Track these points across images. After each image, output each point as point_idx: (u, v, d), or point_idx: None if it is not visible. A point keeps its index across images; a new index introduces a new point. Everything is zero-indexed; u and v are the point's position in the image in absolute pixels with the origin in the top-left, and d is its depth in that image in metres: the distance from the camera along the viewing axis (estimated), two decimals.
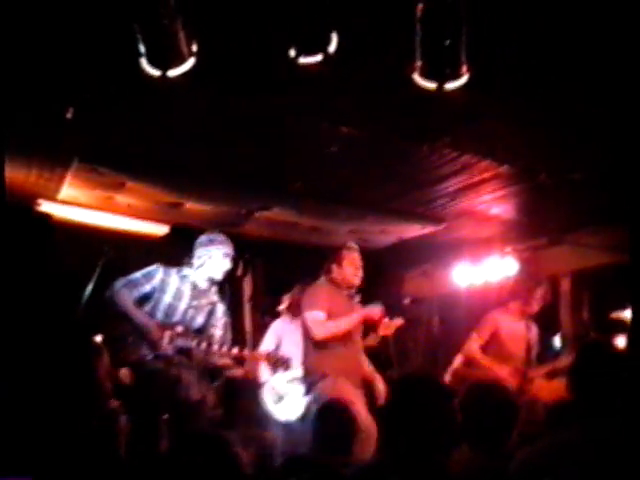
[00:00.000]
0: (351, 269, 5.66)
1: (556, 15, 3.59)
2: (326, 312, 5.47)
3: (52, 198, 6.32)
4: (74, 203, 6.54)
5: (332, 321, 5.46)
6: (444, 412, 2.94)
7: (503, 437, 3.61)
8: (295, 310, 6.57)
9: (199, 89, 4.27)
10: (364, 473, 2.99)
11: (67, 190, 6.21)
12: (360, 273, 5.68)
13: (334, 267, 5.69)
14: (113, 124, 4.88)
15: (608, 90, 4.30)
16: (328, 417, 4.15)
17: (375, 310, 5.56)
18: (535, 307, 6.52)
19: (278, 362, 5.68)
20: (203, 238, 5.42)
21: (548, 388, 6.09)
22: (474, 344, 6.42)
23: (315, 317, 5.47)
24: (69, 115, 4.55)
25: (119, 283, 5.19)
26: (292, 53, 3.78)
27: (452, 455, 3.11)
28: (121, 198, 6.41)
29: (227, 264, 5.41)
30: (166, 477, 2.43)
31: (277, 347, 6.53)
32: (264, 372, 6.43)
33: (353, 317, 5.53)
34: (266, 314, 7.39)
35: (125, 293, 5.16)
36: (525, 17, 3.61)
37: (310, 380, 5.51)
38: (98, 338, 5.03)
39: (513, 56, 3.94)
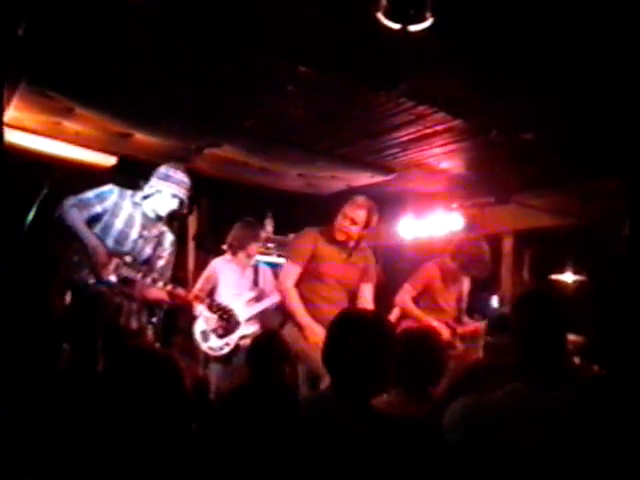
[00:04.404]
0: (339, 221, 5.52)
1: None
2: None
3: None
4: (20, 127, 6.36)
5: None
6: (385, 343, 2.98)
7: (431, 383, 3.70)
8: (235, 248, 6.54)
9: (165, 16, 4.16)
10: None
11: (13, 113, 6.02)
12: (347, 230, 5.52)
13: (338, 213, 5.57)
14: (66, 44, 4.70)
15: (568, 54, 4.31)
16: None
17: None
18: (473, 273, 6.56)
19: (220, 312, 5.60)
20: (162, 170, 5.29)
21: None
22: (406, 295, 6.46)
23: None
24: (20, 32, 4.40)
25: (69, 202, 5.05)
26: None
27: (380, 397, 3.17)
28: (69, 125, 6.26)
29: (173, 204, 5.30)
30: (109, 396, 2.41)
31: (214, 286, 6.49)
32: (197, 307, 6.28)
33: None
34: (210, 253, 7.34)
35: (75, 212, 5.02)
36: None
37: None
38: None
39: (479, 8, 3.90)
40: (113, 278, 4.95)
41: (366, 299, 5.66)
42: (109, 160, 6.96)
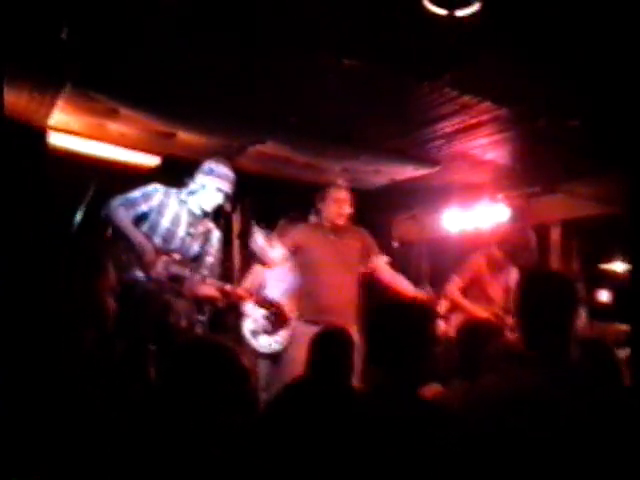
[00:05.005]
0: (334, 207, 5.60)
1: None
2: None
3: (42, 123, 6.20)
4: (65, 130, 6.43)
5: None
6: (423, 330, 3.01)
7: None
8: None
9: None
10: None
11: (58, 116, 6.09)
12: (344, 212, 5.67)
13: (320, 205, 5.80)
14: (110, 47, 4.74)
15: (613, 41, 4.23)
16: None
17: None
18: (519, 262, 6.51)
19: (270, 307, 5.60)
20: (206, 165, 5.35)
21: None
22: (454, 286, 6.47)
23: None
24: (64, 35, 4.42)
25: (116, 201, 5.10)
26: None
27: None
28: (113, 126, 6.29)
29: (218, 198, 5.34)
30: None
31: (261, 282, 6.48)
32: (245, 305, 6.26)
33: None
34: None
35: (121, 211, 5.06)
36: None
37: None
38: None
39: None
40: (162, 276, 4.97)
41: (384, 268, 5.95)
42: (153, 160, 7.00)
